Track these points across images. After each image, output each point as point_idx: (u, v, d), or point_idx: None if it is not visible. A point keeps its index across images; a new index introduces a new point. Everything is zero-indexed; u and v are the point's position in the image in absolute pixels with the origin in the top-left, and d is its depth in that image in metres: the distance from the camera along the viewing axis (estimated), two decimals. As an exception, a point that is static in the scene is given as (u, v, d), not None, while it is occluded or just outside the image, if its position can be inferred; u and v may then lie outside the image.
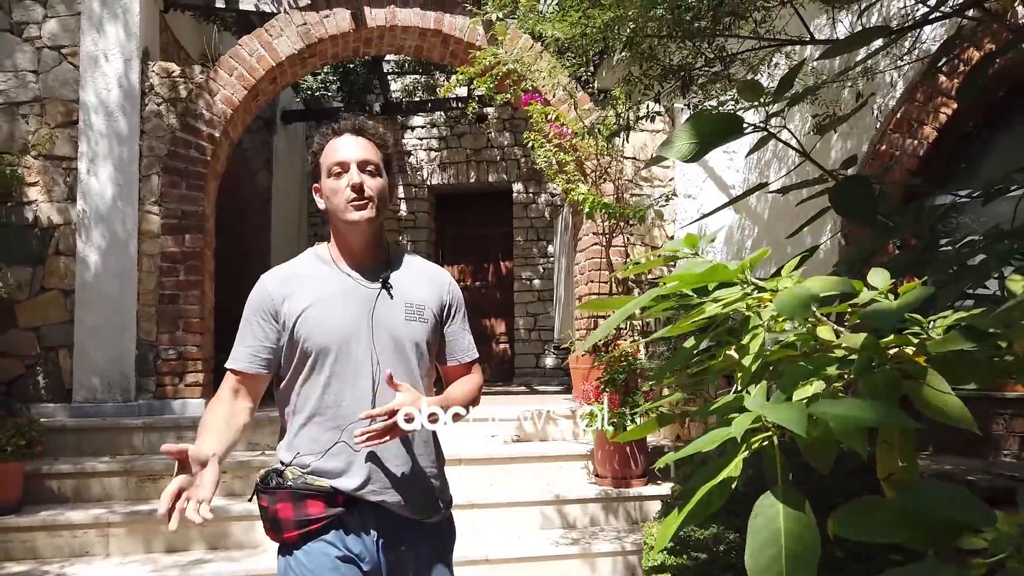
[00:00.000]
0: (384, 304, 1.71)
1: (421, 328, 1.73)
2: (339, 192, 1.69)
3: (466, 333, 1.87)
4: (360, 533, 1.65)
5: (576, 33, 3.16)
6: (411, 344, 1.71)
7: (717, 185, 5.27)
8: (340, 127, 1.75)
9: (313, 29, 5.18)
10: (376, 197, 1.70)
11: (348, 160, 1.69)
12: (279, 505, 1.64)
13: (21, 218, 4.75)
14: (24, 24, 4.82)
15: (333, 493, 1.64)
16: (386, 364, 1.65)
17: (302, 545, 1.63)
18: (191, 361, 4.89)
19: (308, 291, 1.70)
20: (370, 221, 1.69)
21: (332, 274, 1.73)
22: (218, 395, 1.71)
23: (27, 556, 3.59)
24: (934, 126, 3.98)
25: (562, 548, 3.77)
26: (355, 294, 1.70)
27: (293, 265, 1.79)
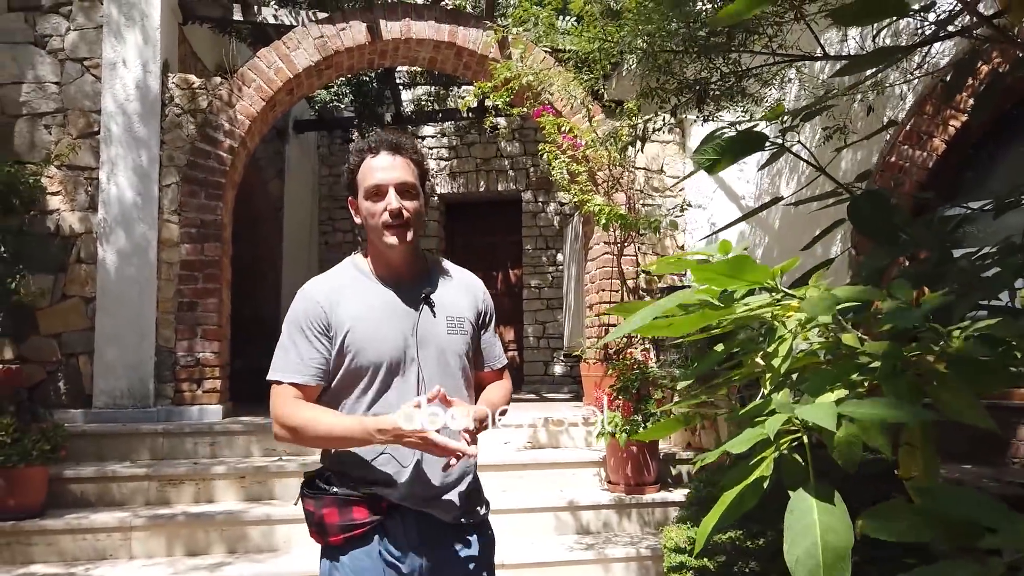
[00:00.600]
0: (427, 319, 1.73)
1: (462, 339, 1.76)
2: (377, 215, 1.69)
3: (497, 339, 1.92)
4: (402, 539, 1.67)
5: (594, 48, 3.23)
6: (454, 356, 1.74)
7: (727, 195, 5.33)
8: (376, 144, 1.73)
9: (330, 42, 5.28)
10: (414, 219, 1.71)
11: (386, 184, 1.69)
12: (325, 510, 1.66)
13: (43, 227, 4.84)
14: (48, 37, 4.93)
15: (377, 499, 1.67)
16: (431, 377, 1.68)
17: (347, 550, 1.66)
18: (208, 368, 4.97)
19: (354, 305, 1.71)
20: (406, 244, 1.71)
21: (374, 288, 1.74)
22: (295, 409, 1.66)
23: (52, 558, 3.65)
24: (943, 138, 4.04)
25: (576, 553, 3.82)
26: (399, 309, 1.72)
27: (335, 276, 1.78)
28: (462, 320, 1.78)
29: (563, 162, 4.99)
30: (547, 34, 3.64)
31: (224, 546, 3.80)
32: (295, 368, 1.68)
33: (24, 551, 3.64)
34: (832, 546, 0.89)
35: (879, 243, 1.70)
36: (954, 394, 1.01)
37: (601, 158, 5.07)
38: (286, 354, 1.70)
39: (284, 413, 1.66)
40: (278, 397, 1.68)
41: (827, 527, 0.91)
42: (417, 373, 1.69)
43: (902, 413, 0.94)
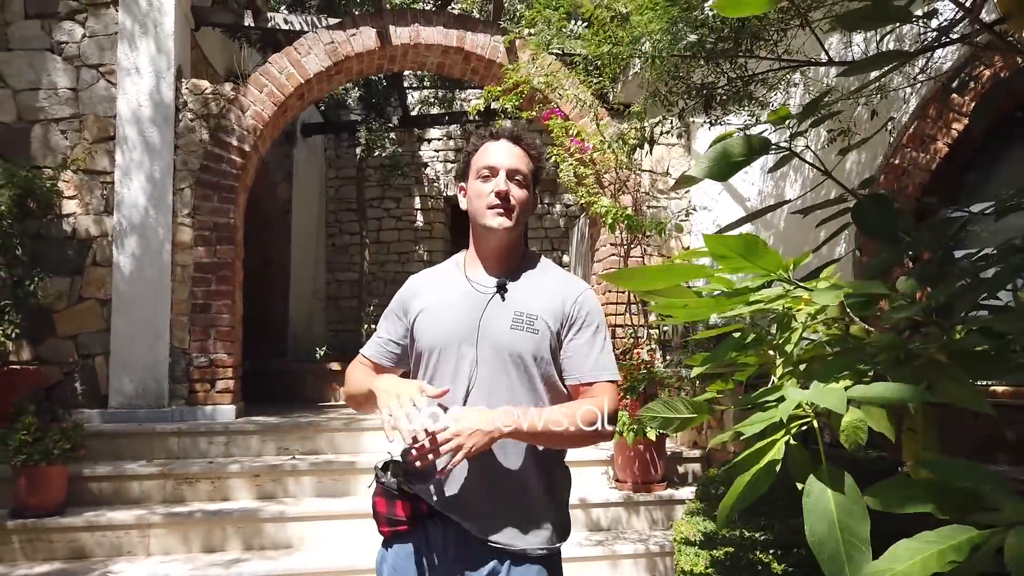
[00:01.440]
0: (493, 311, 1.65)
1: (528, 339, 1.62)
2: (483, 196, 1.68)
3: (593, 350, 1.67)
4: (440, 549, 1.62)
5: (603, 52, 3.30)
6: (514, 355, 1.61)
7: (733, 197, 5.40)
8: (498, 132, 1.75)
9: (340, 47, 5.36)
10: (519, 208, 1.68)
11: (498, 166, 1.68)
12: (377, 499, 1.70)
13: (60, 230, 4.92)
14: (63, 43, 5.01)
15: (419, 499, 1.63)
16: (486, 373, 1.61)
17: (394, 543, 1.67)
18: (222, 368, 5.05)
19: (431, 293, 1.74)
20: (508, 230, 1.66)
21: (455, 277, 1.75)
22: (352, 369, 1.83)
23: (72, 555, 3.73)
24: (945, 141, 4.10)
25: (586, 550, 3.89)
26: (469, 299, 1.68)
27: (435, 268, 1.84)
28: (532, 318, 1.64)
29: (570, 165, 5.06)
30: (557, 37, 3.71)
31: (240, 543, 3.87)
32: (371, 345, 1.83)
33: (45, 547, 3.72)
34: (850, 527, 0.95)
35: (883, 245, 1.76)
36: (955, 382, 1.08)
37: (608, 161, 5.14)
38: (375, 333, 1.84)
39: (347, 370, 1.83)
40: (352, 363, 1.85)
41: (843, 508, 0.98)
42: (471, 365, 1.62)
43: (905, 395, 1.01)
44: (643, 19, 2.72)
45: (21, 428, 3.77)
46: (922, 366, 1.11)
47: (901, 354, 1.16)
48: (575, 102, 5.13)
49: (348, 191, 9.47)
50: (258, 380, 6.71)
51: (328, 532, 3.87)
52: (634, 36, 2.93)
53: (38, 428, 3.80)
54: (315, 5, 6.87)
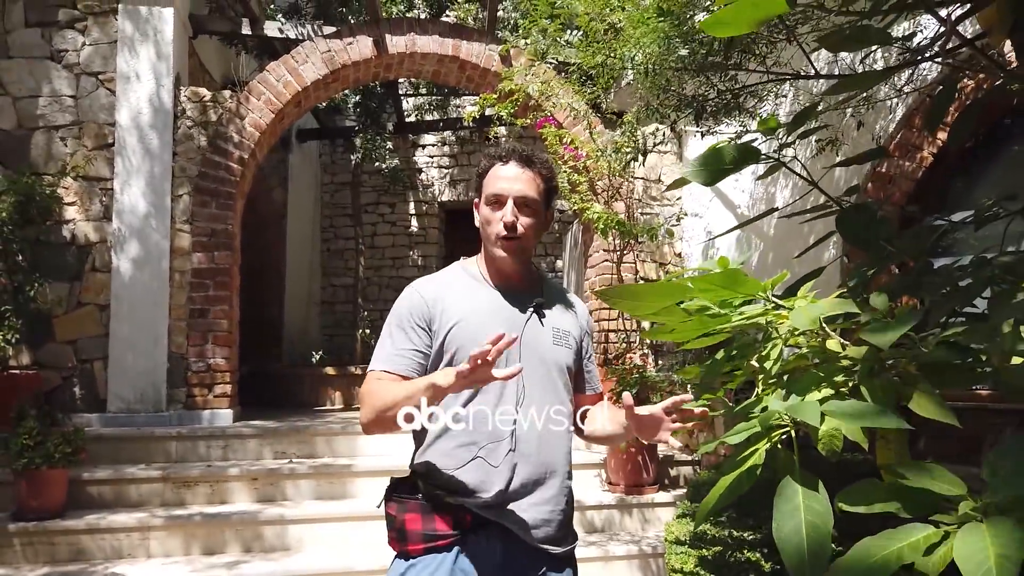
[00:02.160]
0: (534, 327, 1.70)
1: (567, 354, 1.73)
2: (492, 223, 1.69)
3: (595, 364, 1.90)
4: (482, 557, 1.60)
5: (597, 63, 3.38)
6: (557, 369, 1.70)
7: (724, 204, 5.48)
8: (508, 153, 1.73)
9: (337, 56, 5.43)
10: (527, 236, 1.70)
11: (507, 194, 1.68)
12: (407, 516, 1.62)
13: (59, 236, 4.97)
14: (64, 51, 5.07)
15: (462, 511, 1.61)
16: (532, 386, 1.65)
17: (423, 558, 1.60)
18: (219, 373, 5.10)
19: (461, 303, 1.69)
20: (514, 258, 1.71)
21: (483, 290, 1.73)
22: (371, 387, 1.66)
23: (73, 558, 3.78)
24: (930, 151, 4.20)
25: (580, 550, 3.91)
26: (506, 313, 1.70)
27: (443, 276, 1.78)
28: (568, 334, 1.75)
29: (564, 172, 5.14)
30: (553, 46, 3.79)
31: (239, 545, 3.93)
32: (387, 358, 1.68)
33: (47, 550, 3.77)
34: (814, 525, 1.04)
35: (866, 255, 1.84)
36: (923, 395, 1.16)
37: (601, 168, 5.22)
38: (382, 346, 1.71)
39: (363, 393, 1.68)
40: (366, 383, 1.69)
41: (810, 509, 1.06)
42: (519, 379, 1.63)
43: (876, 419, 1.08)
44: (636, 33, 2.80)
45: (23, 432, 3.82)
46: (892, 378, 1.18)
47: (874, 366, 1.24)
48: (569, 110, 5.21)
49: (343, 196, 9.53)
50: (255, 385, 6.77)
51: (327, 534, 3.93)
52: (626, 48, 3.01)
53: (39, 432, 3.84)
54: (311, 13, 6.93)
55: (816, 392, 1.25)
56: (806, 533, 1.04)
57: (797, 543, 1.03)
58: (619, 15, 3.02)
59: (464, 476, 1.61)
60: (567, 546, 1.69)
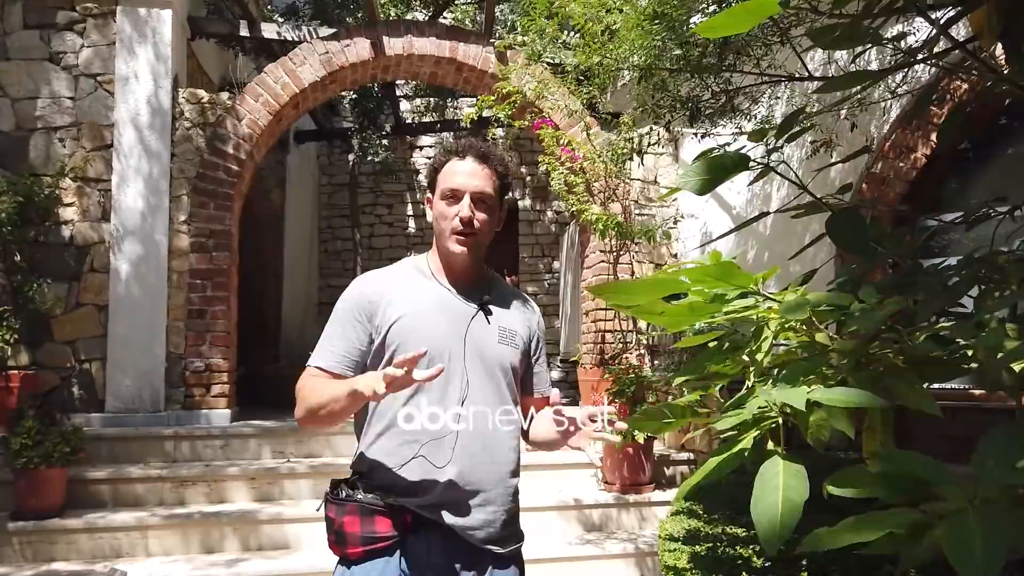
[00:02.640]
0: (480, 324, 1.69)
1: (512, 353, 1.71)
2: (447, 218, 1.68)
3: (546, 367, 1.87)
4: (425, 559, 1.58)
5: (593, 63, 3.41)
6: (502, 368, 1.68)
7: (720, 205, 5.52)
8: (464, 149, 1.71)
9: (335, 58, 5.46)
10: (482, 232, 1.69)
11: (463, 190, 1.67)
12: (346, 518, 1.59)
13: (58, 237, 4.99)
14: (62, 53, 5.09)
15: (403, 512, 1.59)
16: (476, 384, 1.63)
17: (364, 562, 1.58)
18: (217, 373, 5.12)
19: (406, 299, 1.67)
20: (471, 254, 1.69)
21: (430, 286, 1.71)
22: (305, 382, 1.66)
23: (72, 556, 3.80)
24: (924, 152, 4.23)
25: (575, 549, 3.98)
26: (452, 310, 1.68)
27: (391, 271, 1.77)
28: (514, 334, 1.73)
29: (561, 173, 5.17)
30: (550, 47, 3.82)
31: (238, 544, 3.95)
32: (321, 354, 1.68)
33: (46, 549, 3.79)
34: (790, 499, 1.06)
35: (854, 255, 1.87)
36: (908, 385, 1.18)
37: (598, 170, 5.25)
38: (321, 342, 1.70)
39: (298, 388, 1.66)
40: (302, 378, 1.68)
41: (788, 485, 1.09)
42: (462, 376, 1.63)
43: (861, 399, 1.11)
44: (631, 35, 2.83)
45: (22, 432, 3.84)
46: (879, 370, 1.21)
47: (861, 359, 1.27)
48: (566, 112, 5.24)
49: (341, 197, 9.56)
50: (253, 384, 6.78)
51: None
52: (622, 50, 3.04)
53: (38, 432, 3.87)
54: (309, 15, 6.95)
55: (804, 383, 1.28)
56: (781, 506, 1.06)
57: (771, 515, 1.06)
58: (615, 16, 3.06)
59: (405, 475, 1.59)
60: (511, 546, 1.67)
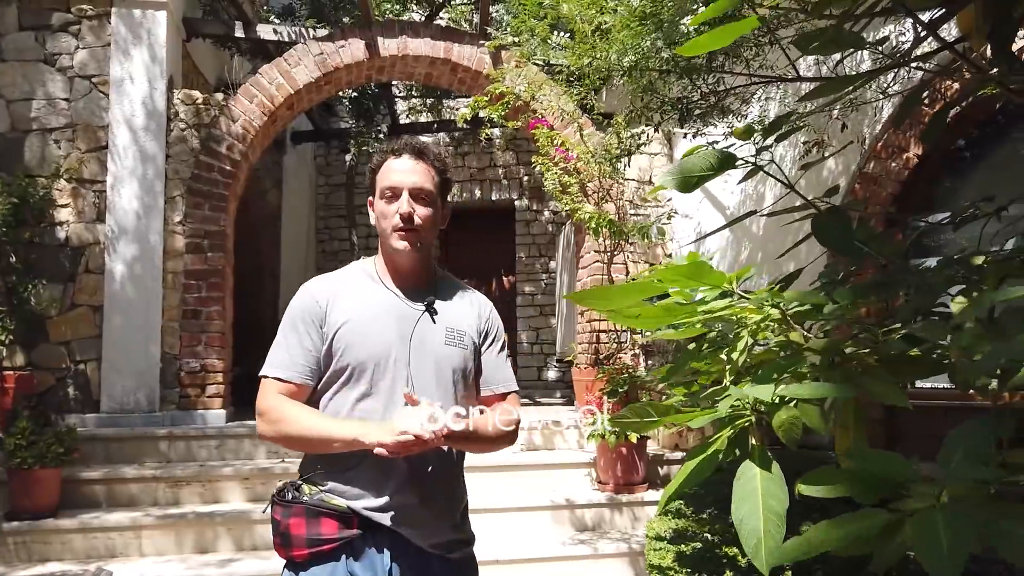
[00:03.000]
0: (425, 326, 1.68)
1: (460, 354, 1.70)
2: (388, 217, 1.67)
3: (504, 364, 1.82)
4: (373, 561, 1.58)
5: (584, 64, 3.43)
6: (450, 369, 1.68)
7: (713, 205, 5.53)
8: (400, 148, 1.71)
9: (329, 58, 5.47)
10: (425, 228, 1.69)
11: (401, 186, 1.67)
12: (292, 520, 1.58)
13: (53, 238, 5.01)
14: (57, 55, 5.10)
15: (349, 514, 1.59)
16: (422, 386, 1.62)
17: (310, 566, 1.57)
18: (212, 374, 5.13)
19: (351, 304, 1.67)
20: (415, 250, 1.68)
21: (376, 290, 1.71)
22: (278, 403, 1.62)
23: (67, 556, 3.81)
24: (915, 152, 4.25)
25: (568, 549, 3.99)
26: (397, 313, 1.68)
27: (338, 275, 1.76)
28: (462, 334, 1.73)
29: (555, 174, 5.19)
30: (541, 48, 3.84)
31: (232, 543, 3.96)
32: (281, 364, 1.65)
33: (40, 549, 3.80)
34: (771, 507, 1.08)
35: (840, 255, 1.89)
36: (880, 382, 1.20)
37: (592, 170, 5.27)
38: (277, 350, 1.68)
39: (267, 407, 1.63)
40: (263, 391, 1.66)
41: (767, 491, 1.10)
42: (408, 379, 1.63)
43: (829, 391, 1.13)
44: (620, 35, 2.85)
45: (16, 432, 3.86)
46: (851, 368, 1.23)
47: (835, 357, 1.28)
48: (559, 112, 5.25)
49: (337, 198, 9.57)
50: (248, 385, 6.79)
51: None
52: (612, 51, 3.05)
53: (32, 432, 3.88)
54: (305, 15, 6.97)
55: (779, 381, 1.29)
56: (763, 514, 1.08)
57: (754, 524, 1.07)
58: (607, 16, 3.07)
59: (352, 479, 1.60)
60: (457, 551, 1.68)
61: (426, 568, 1.63)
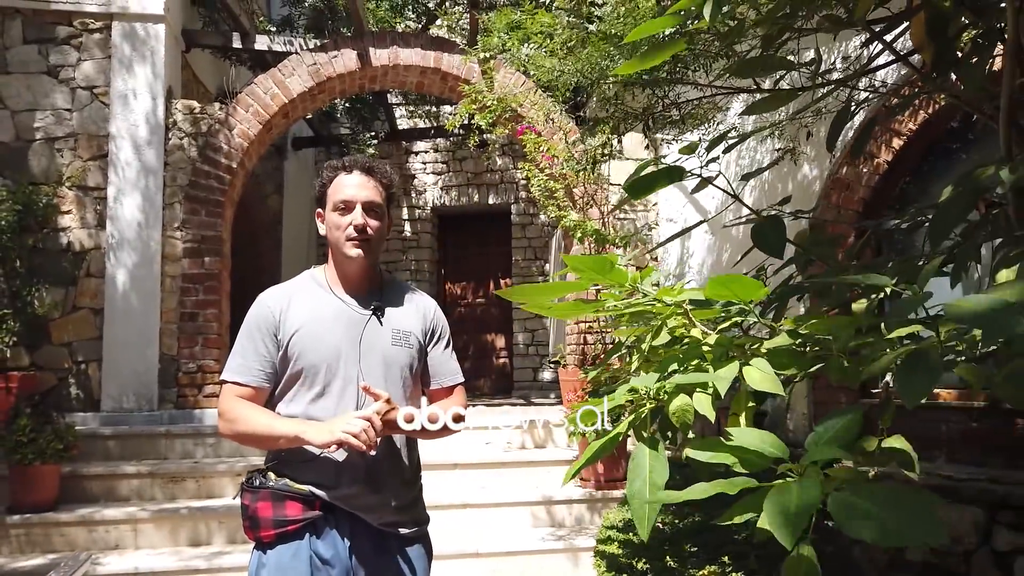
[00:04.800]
0: (373, 329, 1.82)
1: (406, 353, 1.85)
2: (342, 228, 1.81)
3: (450, 359, 1.97)
4: (335, 539, 1.73)
5: (553, 77, 3.58)
6: (397, 367, 1.83)
7: (696, 209, 5.67)
8: (351, 164, 1.85)
9: (323, 68, 5.64)
10: (375, 238, 1.83)
11: (354, 200, 1.81)
12: (259, 504, 1.73)
13: (56, 243, 5.20)
14: (60, 67, 5.30)
15: (311, 497, 1.73)
16: (372, 385, 1.73)
17: (276, 545, 1.72)
18: (209, 374, 5.31)
19: (303, 311, 1.81)
20: (367, 258, 1.82)
21: (326, 297, 1.84)
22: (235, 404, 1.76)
23: (66, 548, 3.98)
24: (885, 158, 4.37)
25: (548, 543, 4.13)
26: (346, 318, 1.82)
27: (291, 285, 1.89)
28: (408, 335, 1.86)
29: (541, 180, 5.33)
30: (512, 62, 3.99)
31: (224, 537, 4.13)
32: (239, 369, 1.79)
33: (40, 542, 3.97)
34: (654, 480, 1.23)
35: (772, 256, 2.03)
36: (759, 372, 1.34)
37: (576, 176, 5.41)
38: (234, 356, 1.82)
39: (225, 408, 1.77)
40: (223, 394, 1.80)
41: (654, 468, 1.25)
42: (358, 377, 1.77)
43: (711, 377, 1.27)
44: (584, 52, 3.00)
45: (17, 430, 4.03)
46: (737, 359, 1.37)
47: (727, 351, 1.43)
48: (545, 118, 5.40)
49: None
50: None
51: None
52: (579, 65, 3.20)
53: (33, 429, 4.05)
54: (303, 26, 7.15)
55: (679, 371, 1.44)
56: (648, 483, 1.23)
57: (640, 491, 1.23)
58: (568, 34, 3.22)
59: (311, 469, 1.75)
60: (411, 528, 1.85)
61: (381, 544, 1.80)
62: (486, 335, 9.43)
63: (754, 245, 2.02)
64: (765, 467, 1.25)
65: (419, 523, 1.90)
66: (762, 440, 1.26)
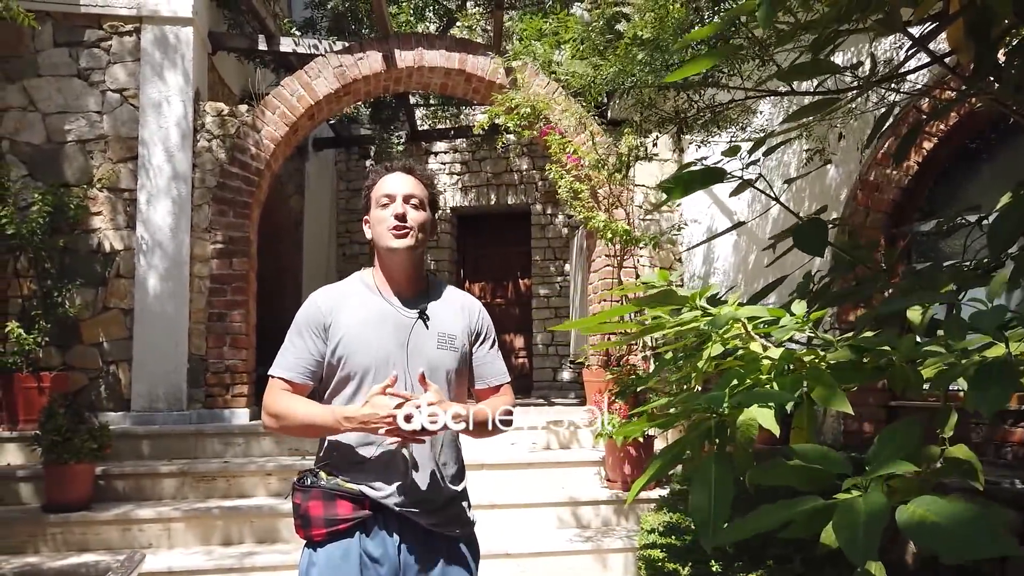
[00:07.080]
0: (419, 332, 1.85)
1: (451, 356, 1.88)
2: (384, 220, 1.85)
3: (496, 359, 2.01)
4: (384, 538, 1.77)
5: (586, 83, 3.58)
6: (442, 371, 1.85)
7: (721, 210, 5.66)
8: (392, 165, 1.93)
9: (348, 70, 5.67)
10: (417, 228, 1.86)
11: (395, 192, 1.86)
12: (311, 503, 1.78)
13: (87, 244, 5.25)
14: (90, 70, 5.35)
15: (362, 497, 1.77)
16: (419, 388, 1.74)
17: (327, 543, 1.76)
18: (237, 374, 5.36)
19: (352, 313, 1.84)
20: (409, 249, 1.85)
21: (374, 300, 1.88)
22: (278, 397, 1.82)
23: (99, 547, 4.02)
24: (916, 160, 4.35)
25: (576, 544, 4.14)
26: (393, 321, 1.84)
27: (341, 286, 1.93)
28: (453, 338, 1.89)
29: (568, 181, 5.34)
30: (544, 68, 4.00)
31: (254, 537, 4.16)
32: (286, 365, 1.84)
33: (74, 540, 4.02)
34: (719, 495, 1.23)
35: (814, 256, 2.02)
36: (826, 387, 1.34)
37: (602, 177, 5.41)
38: (283, 353, 1.87)
39: (269, 402, 1.83)
40: (269, 390, 1.85)
41: (718, 483, 1.26)
42: (406, 380, 1.79)
43: (776, 398, 1.28)
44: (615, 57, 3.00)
45: (52, 429, 4.08)
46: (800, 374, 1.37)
47: (787, 365, 1.43)
48: (573, 123, 5.40)
49: (357, 202, 9.76)
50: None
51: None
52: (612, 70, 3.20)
53: (67, 429, 4.10)
54: (326, 28, 7.18)
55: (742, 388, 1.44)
56: (713, 499, 1.23)
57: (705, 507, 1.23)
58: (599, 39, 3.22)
59: (362, 470, 1.79)
60: (456, 529, 1.87)
61: (431, 544, 1.83)
62: (505, 335, 9.44)
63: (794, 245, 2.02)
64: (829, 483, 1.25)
65: (465, 524, 1.93)
66: (824, 455, 1.26)
